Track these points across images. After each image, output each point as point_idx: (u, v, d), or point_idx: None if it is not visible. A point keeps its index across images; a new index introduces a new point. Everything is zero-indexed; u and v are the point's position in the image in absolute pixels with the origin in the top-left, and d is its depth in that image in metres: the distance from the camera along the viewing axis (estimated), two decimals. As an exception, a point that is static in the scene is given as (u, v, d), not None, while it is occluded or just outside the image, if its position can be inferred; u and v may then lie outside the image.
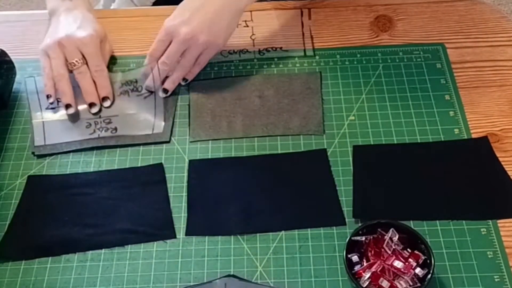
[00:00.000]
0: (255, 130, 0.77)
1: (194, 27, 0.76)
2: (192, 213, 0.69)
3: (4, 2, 2.20)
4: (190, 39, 0.76)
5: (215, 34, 0.77)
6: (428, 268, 0.60)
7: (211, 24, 0.77)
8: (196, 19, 0.76)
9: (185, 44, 0.77)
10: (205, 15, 0.76)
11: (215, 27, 0.77)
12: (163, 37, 0.78)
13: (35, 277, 0.65)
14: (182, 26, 0.76)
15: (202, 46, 0.77)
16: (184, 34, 0.76)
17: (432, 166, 0.72)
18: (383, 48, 0.85)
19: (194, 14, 0.76)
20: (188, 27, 0.76)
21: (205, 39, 0.76)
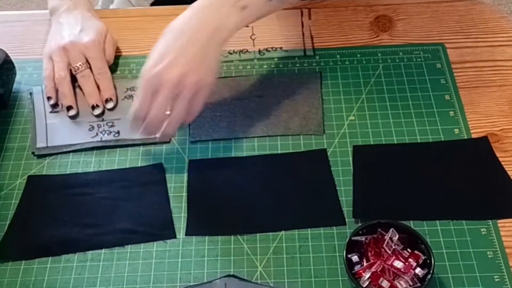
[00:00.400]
0: (255, 130, 0.77)
1: (181, 69, 0.66)
2: (192, 213, 0.69)
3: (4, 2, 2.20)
4: (178, 83, 0.66)
5: (203, 73, 0.68)
6: (428, 268, 0.60)
7: (199, 64, 0.68)
8: (182, 60, 0.67)
9: (174, 91, 0.67)
10: (191, 54, 0.67)
11: (203, 66, 0.68)
12: (147, 89, 0.67)
13: (35, 277, 0.65)
14: (168, 70, 0.66)
15: (193, 89, 0.67)
16: (170, 80, 0.66)
17: (432, 166, 0.72)
18: (383, 48, 0.85)
19: (178, 55, 0.67)
20: (173, 70, 0.66)
21: (195, 80, 0.67)
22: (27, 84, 0.84)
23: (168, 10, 0.94)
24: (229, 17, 0.69)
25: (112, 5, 1.05)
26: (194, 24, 0.69)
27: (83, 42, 0.80)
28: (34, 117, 0.79)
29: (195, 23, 0.69)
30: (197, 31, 0.68)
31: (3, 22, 0.94)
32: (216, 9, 0.69)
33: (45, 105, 0.80)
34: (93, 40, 0.81)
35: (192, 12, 0.70)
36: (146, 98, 0.68)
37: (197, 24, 0.69)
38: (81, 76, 0.79)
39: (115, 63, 0.85)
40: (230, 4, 0.70)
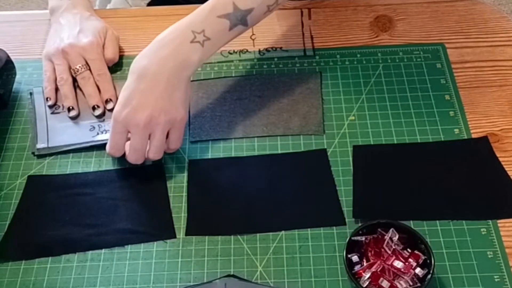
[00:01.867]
0: (255, 130, 0.77)
1: (149, 111, 0.67)
2: (192, 213, 0.69)
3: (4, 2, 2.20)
4: (149, 123, 0.68)
5: (172, 111, 0.69)
6: (428, 268, 0.60)
7: (165, 103, 0.68)
8: (147, 103, 0.67)
9: (146, 131, 0.68)
10: (155, 96, 0.68)
11: (169, 104, 0.68)
12: (118, 131, 0.69)
13: (35, 277, 0.65)
14: (136, 114, 0.67)
15: (165, 127, 0.69)
16: (141, 121, 0.67)
17: (432, 166, 0.72)
18: (383, 48, 0.85)
19: (143, 98, 0.68)
20: (142, 113, 0.67)
21: (164, 120, 0.68)
22: (27, 84, 0.84)
23: (167, 10, 0.94)
24: (190, 53, 0.69)
25: (109, 4, 1.05)
26: (154, 66, 0.68)
27: (82, 44, 0.80)
28: (34, 117, 0.79)
29: (155, 63, 0.68)
30: (157, 72, 0.68)
31: (3, 22, 0.94)
32: (176, 48, 0.69)
33: (46, 105, 0.80)
34: (92, 41, 0.81)
35: (152, 51, 0.69)
36: (116, 139, 0.70)
37: (157, 64, 0.68)
38: (81, 78, 0.80)
39: (115, 63, 0.85)
40: (189, 40, 0.69)
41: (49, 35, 0.85)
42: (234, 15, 0.71)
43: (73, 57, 0.80)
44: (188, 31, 0.69)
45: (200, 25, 0.70)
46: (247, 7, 0.71)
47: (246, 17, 0.72)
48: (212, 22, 0.70)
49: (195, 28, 0.69)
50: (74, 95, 0.80)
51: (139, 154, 0.70)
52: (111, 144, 0.71)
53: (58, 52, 0.81)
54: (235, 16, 0.71)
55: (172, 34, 0.70)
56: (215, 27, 0.70)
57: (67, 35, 0.82)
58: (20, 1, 2.20)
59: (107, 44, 0.84)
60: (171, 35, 0.70)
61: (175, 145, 0.72)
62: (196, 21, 0.70)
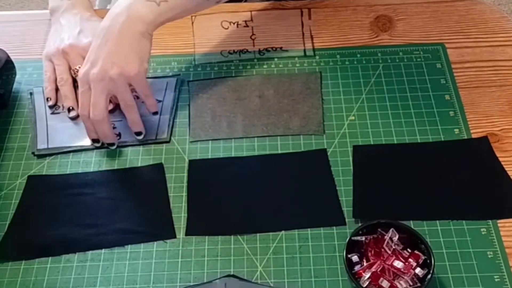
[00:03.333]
0: (255, 130, 0.77)
1: (101, 64, 0.70)
2: (192, 213, 0.69)
3: (4, 2, 2.20)
4: (104, 77, 0.70)
5: (124, 64, 0.71)
6: (428, 268, 0.60)
7: (116, 56, 0.71)
8: (100, 57, 0.71)
9: (102, 85, 0.71)
10: (107, 50, 0.71)
11: (121, 57, 0.71)
12: (82, 88, 0.72)
13: (35, 277, 0.65)
14: (91, 70, 0.71)
15: (120, 80, 0.71)
16: (95, 76, 0.70)
17: (432, 166, 0.72)
18: (383, 48, 0.85)
19: (97, 54, 0.71)
20: (96, 68, 0.71)
21: (117, 72, 0.70)
22: (27, 84, 0.84)
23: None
24: (144, 9, 0.72)
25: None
26: (107, 22, 0.72)
27: (82, 44, 0.81)
28: (34, 117, 0.79)
29: (109, 19, 0.72)
30: (109, 27, 0.71)
31: (3, 22, 0.94)
32: (129, 5, 0.72)
33: (46, 106, 0.80)
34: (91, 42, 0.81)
35: (110, 11, 0.73)
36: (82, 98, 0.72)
37: (110, 20, 0.72)
38: None
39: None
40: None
41: (50, 35, 0.85)
42: None
43: (73, 58, 0.80)
44: None
45: None
46: None
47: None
48: None
49: None
50: (74, 95, 0.80)
51: (100, 109, 0.71)
52: (80, 104, 0.72)
53: (58, 52, 0.81)
54: None
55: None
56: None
57: (68, 35, 0.82)
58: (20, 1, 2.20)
59: None
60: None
61: (145, 93, 0.74)
62: None
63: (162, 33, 0.89)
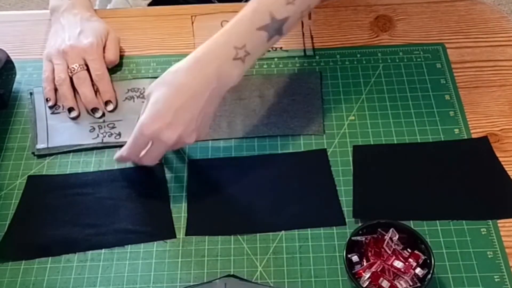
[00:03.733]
0: (255, 130, 0.77)
1: (181, 130, 0.65)
2: (192, 213, 0.69)
3: (4, 2, 2.20)
4: (178, 142, 0.66)
5: (203, 129, 0.69)
6: (428, 268, 0.60)
7: (199, 122, 0.67)
8: (181, 121, 0.65)
9: (171, 148, 0.68)
10: (191, 115, 0.65)
11: (203, 123, 0.68)
12: (141, 142, 0.67)
13: (35, 277, 0.65)
14: (167, 131, 0.65)
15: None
16: (170, 140, 0.65)
17: (432, 166, 0.72)
18: (383, 48, 0.85)
19: (178, 115, 0.65)
20: (174, 131, 0.65)
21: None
22: (27, 84, 0.84)
23: (167, 10, 0.94)
24: (232, 71, 0.66)
25: (109, 4, 1.05)
26: (196, 84, 0.66)
27: (82, 45, 0.80)
28: (34, 117, 0.79)
29: (197, 82, 0.66)
30: (198, 92, 0.66)
31: (3, 22, 0.94)
32: (219, 67, 0.66)
33: (46, 105, 0.80)
34: (92, 42, 0.81)
35: (193, 68, 0.66)
36: (136, 148, 0.68)
37: (198, 83, 0.66)
38: (77, 78, 0.79)
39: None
40: (232, 57, 0.66)
41: (50, 35, 0.85)
42: (271, 26, 0.67)
43: (72, 58, 0.80)
44: (230, 47, 0.66)
45: (241, 40, 0.66)
46: (283, 15, 0.67)
47: (282, 27, 0.68)
48: (252, 35, 0.67)
49: (237, 43, 0.66)
50: (73, 95, 0.79)
51: (153, 161, 0.70)
52: (128, 152, 0.68)
53: (58, 52, 0.81)
54: (273, 27, 0.67)
55: (215, 52, 0.66)
56: (255, 41, 0.67)
57: (68, 35, 0.82)
58: (20, 1, 2.20)
59: (108, 46, 0.84)
60: (214, 53, 0.66)
61: None
62: (237, 35, 0.67)
63: (162, 33, 0.89)
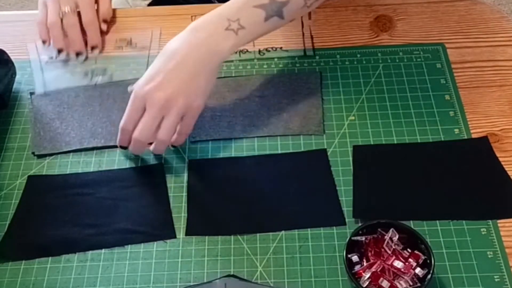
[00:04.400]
0: (255, 130, 0.77)
1: (170, 91, 0.67)
2: (192, 213, 0.69)
3: (4, 2, 2.20)
4: (166, 104, 0.67)
5: (192, 97, 0.69)
6: (428, 268, 0.60)
7: (187, 87, 0.68)
8: (170, 83, 0.68)
9: (161, 112, 0.68)
10: (180, 78, 0.68)
11: (192, 89, 0.69)
12: (136, 105, 0.69)
13: (35, 277, 0.65)
14: (156, 91, 0.67)
15: (181, 111, 0.68)
16: (159, 100, 0.67)
17: (432, 166, 0.72)
18: (383, 48, 0.85)
19: (167, 77, 0.68)
20: (163, 92, 0.67)
21: (182, 103, 0.68)
22: (27, 84, 0.84)
23: (167, 10, 0.94)
24: (223, 41, 0.70)
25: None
26: (186, 48, 0.69)
27: None
28: (33, 117, 0.79)
29: (186, 47, 0.69)
30: (187, 55, 0.69)
31: (3, 22, 0.94)
32: (210, 34, 0.69)
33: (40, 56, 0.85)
34: None
35: (186, 35, 0.70)
36: (133, 113, 0.69)
37: (188, 48, 0.69)
38: (66, 22, 0.83)
39: (114, 62, 0.85)
40: (224, 27, 0.70)
41: None
42: (270, 6, 0.71)
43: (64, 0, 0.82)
44: (224, 18, 0.70)
45: (236, 13, 0.70)
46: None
47: (282, 9, 0.72)
48: (248, 11, 0.71)
49: (231, 16, 0.70)
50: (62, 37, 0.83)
51: (148, 131, 0.69)
52: (126, 118, 0.69)
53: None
54: (271, 7, 0.71)
55: (207, 21, 0.70)
56: (251, 17, 0.71)
57: None
58: (20, 1, 2.20)
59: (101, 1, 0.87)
60: (206, 21, 0.70)
61: (185, 131, 0.72)
62: (232, 9, 0.71)
63: (162, 33, 0.89)
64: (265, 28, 0.73)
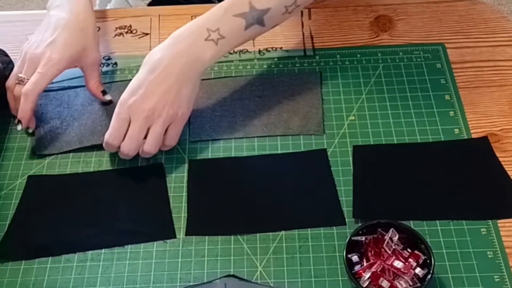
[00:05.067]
0: (255, 130, 0.77)
1: (153, 102, 0.68)
2: (192, 213, 0.69)
3: (4, 2, 2.21)
4: (150, 116, 0.68)
5: (176, 106, 0.70)
6: (428, 268, 0.60)
7: (170, 97, 0.69)
8: (153, 94, 0.69)
9: (146, 123, 0.69)
10: (163, 89, 0.69)
11: (175, 99, 0.69)
12: (120, 119, 0.69)
13: (35, 277, 0.65)
14: (140, 104, 0.68)
15: (166, 121, 0.69)
16: (144, 110, 0.68)
17: (432, 166, 0.72)
18: (383, 48, 0.85)
19: (150, 88, 0.69)
20: (146, 104, 0.68)
21: (167, 113, 0.69)
22: (27, 84, 0.84)
23: (167, 10, 0.94)
24: (204, 51, 0.70)
25: (109, 4, 1.05)
26: (167, 59, 0.70)
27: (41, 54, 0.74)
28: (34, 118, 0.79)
29: (168, 57, 0.70)
30: (168, 66, 0.69)
31: (3, 22, 0.94)
32: (190, 45, 0.70)
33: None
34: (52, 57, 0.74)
35: (167, 45, 0.71)
36: (118, 127, 0.70)
37: (170, 58, 0.70)
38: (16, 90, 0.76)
39: (115, 63, 0.85)
40: (204, 37, 0.70)
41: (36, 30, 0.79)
42: (250, 14, 0.71)
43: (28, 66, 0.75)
44: (203, 28, 0.71)
45: (215, 23, 0.71)
46: (264, 7, 0.71)
47: (262, 17, 0.72)
48: (228, 20, 0.71)
49: (210, 26, 0.71)
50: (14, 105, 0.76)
51: (134, 144, 0.70)
52: (111, 130, 0.70)
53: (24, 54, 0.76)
54: (252, 16, 0.71)
55: (188, 31, 0.71)
56: (231, 26, 0.71)
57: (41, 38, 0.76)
58: (20, 1, 2.20)
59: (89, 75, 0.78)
60: (186, 32, 0.71)
61: (171, 141, 0.72)
62: (211, 19, 0.71)
63: (163, 33, 0.89)
64: (246, 36, 0.73)
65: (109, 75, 0.84)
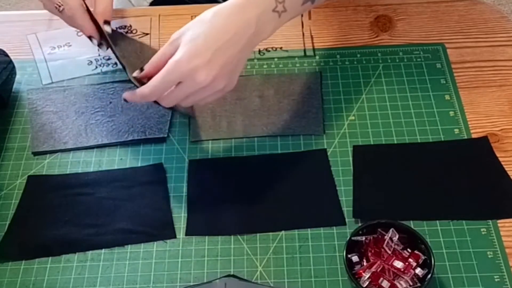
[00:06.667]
0: (255, 130, 0.77)
1: (216, 72, 0.63)
2: (192, 213, 0.69)
3: (4, 2, 2.21)
4: (207, 86, 0.64)
5: (233, 80, 0.66)
6: (428, 268, 0.60)
7: (232, 69, 0.65)
8: (219, 63, 0.63)
9: (200, 91, 0.65)
10: (228, 59, 0.64)
11: (234, 72, 0.66)
12: (172, 78, 0.63)
13: (35, 277, 0.65)
14: (203, 69, 0.62)
15: (218, 93, 0.66)
16: (204, 80, 0.63)
17: (432, 166, 0.72)
18: (383, 48, 0.85)
19: (217, 56, 0.63)
20: (210, 72, 0.63)
21: (222, 85, 0.65)
22: (27, 84, 0.84)
23: (167, 10, 0.94)
24: (269, 23, 0.66)
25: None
26: (238, 24, 0.64)
27: None
28: (31, 116, 0.79)
29: (239, 22, 0.64)
30: (238, 33, 0.64)
31: (3, 22, 0.94)
32: (260, 14, 0.65)
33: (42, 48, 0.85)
34: None
35: (236, 11, 0.65)
36: (162, 87, 0.64)
37: (240, 24, 0.64)
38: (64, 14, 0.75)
39: (115, 63, 0.85)
40: (272, 7, 0.66)
41: None
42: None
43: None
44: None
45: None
46: None
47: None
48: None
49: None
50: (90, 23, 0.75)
51: (174, 103, 0.66)
52: (153, 90, 0.64)
53: None
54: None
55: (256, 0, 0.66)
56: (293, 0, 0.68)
57: None
58: (20, 1, 2.20)
59: None
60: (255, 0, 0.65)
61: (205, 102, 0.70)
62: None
63: (163, 33, 0.89)
64: (299, 11, 0.70)
65: (109, 75, 0.84)
